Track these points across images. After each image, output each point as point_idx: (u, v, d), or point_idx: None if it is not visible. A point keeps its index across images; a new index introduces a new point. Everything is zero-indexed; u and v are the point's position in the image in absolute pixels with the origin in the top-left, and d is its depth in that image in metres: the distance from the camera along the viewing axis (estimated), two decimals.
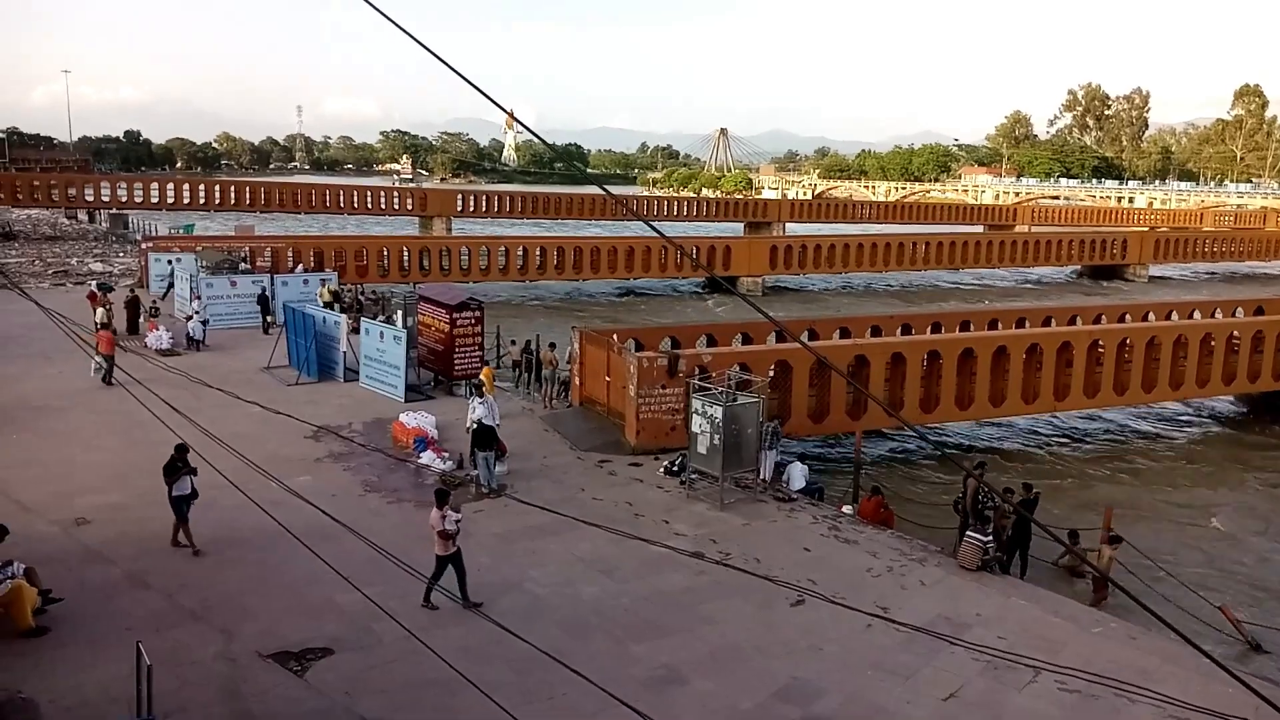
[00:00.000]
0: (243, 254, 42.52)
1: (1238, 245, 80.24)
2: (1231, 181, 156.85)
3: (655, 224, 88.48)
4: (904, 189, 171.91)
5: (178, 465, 14.18)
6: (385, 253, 50.81)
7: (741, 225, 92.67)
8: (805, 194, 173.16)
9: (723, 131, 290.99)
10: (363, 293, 42.76)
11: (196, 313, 30.08)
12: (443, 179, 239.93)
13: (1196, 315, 32.26)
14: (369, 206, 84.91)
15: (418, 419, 20.73)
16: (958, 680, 11.39)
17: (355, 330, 26.98)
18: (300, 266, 43.19)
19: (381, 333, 25.02)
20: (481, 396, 19.03)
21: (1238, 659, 14.11)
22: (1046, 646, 12.22)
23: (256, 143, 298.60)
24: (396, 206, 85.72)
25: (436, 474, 18.20)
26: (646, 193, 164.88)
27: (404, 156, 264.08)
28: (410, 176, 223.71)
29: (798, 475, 18.84)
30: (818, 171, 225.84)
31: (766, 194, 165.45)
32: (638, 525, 15.86)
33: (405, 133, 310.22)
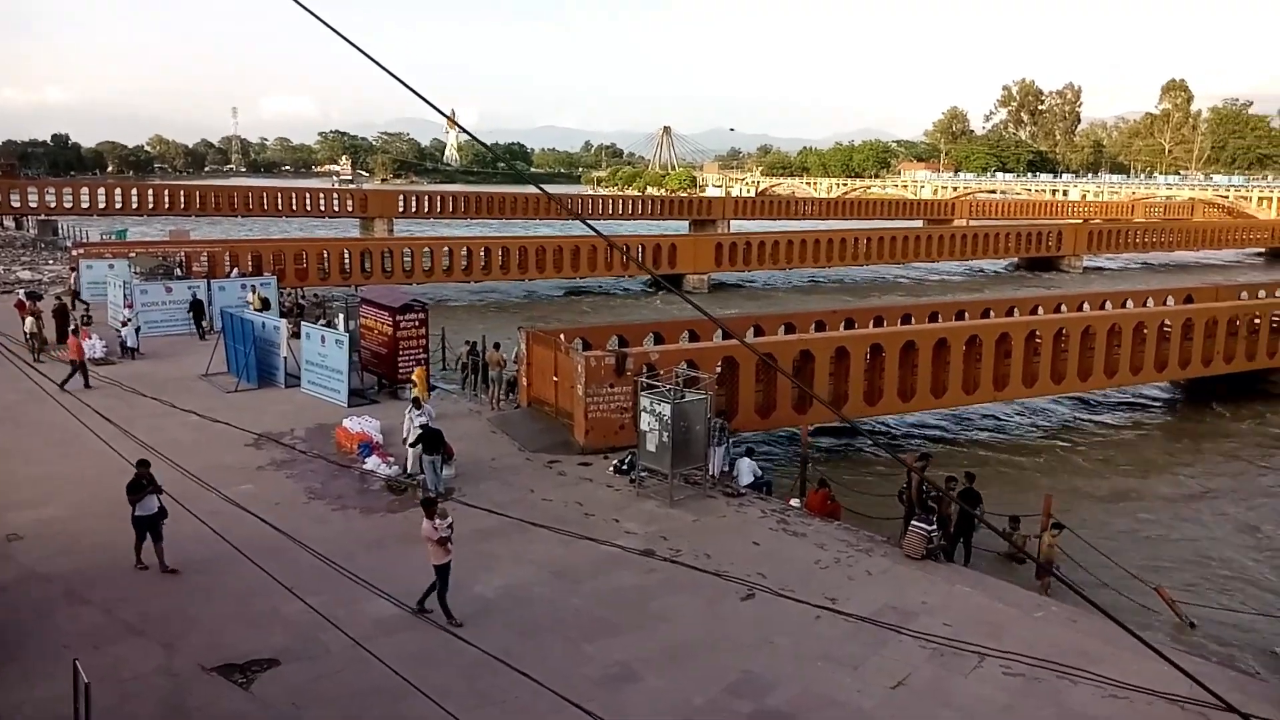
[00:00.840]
0: (178, 259, 41.60)
1: (1167, 236, 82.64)
2: (1160, 174, 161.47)
3: (597, 223, 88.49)
4: (845, 185, 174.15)
5: (142, 483, 13.52)
6: (326, 255, 50.04)
7: (687, 223, 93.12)
8: (749, 191, 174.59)
9: (667, 130, 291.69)
10: (303, 296, 42.12)
11: (130, 320, 29.33)
12: (384, 180, 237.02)
13: (1129, 305, 33.17)
14: (308, 209, 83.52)
15: (362, 424, 20.43)
16: (905, 668, 11.56)
17: (295, 335, 26.52)
18: (236, 271, 42.38)
19: (323, 337, 24.62)
20: (419, 408, 18.73)
21: (1174, 638, 14.52)
22: (990, 632, 12.46)
23: (191, 145, 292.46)
24: (336, 208, 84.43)
25: (382, 479, 17.98)
26: (591, 191, 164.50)
27: (343, 157, 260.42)
28: (350, 178, 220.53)
29: (746, 470, 18.96)
30: (761, 169, 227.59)
31: (711, 192, 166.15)
32: (588, 525, 15.83)
33: (344, 133, 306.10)
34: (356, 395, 23.99)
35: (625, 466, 18.76)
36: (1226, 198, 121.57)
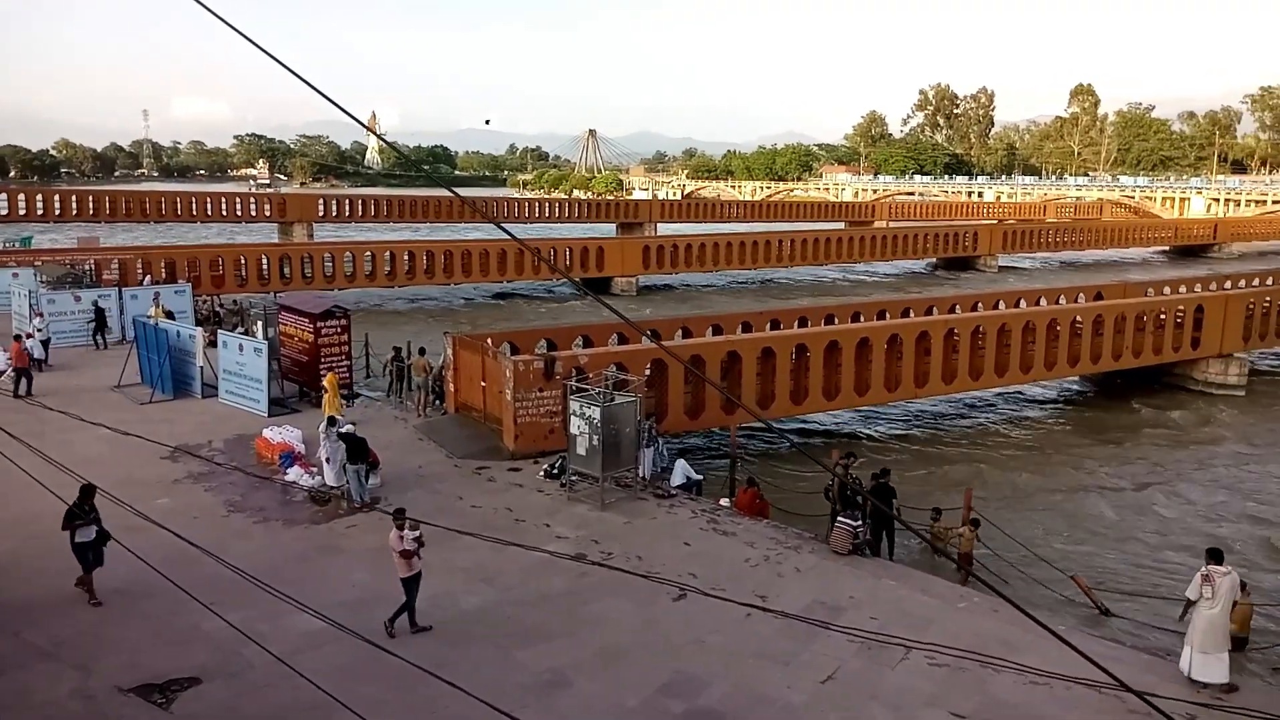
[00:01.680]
0: (87, 267, 40.10)
1: (1078, 235, 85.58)
2: (1070, 175, 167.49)
3: (524, 226, 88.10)
4: (769, 188, 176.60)
5: (84, 509, 12.83)
6: (243, 261, 48.74)
7: (614, 226, 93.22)
8: (675, 194, 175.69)
9: (592, 133, 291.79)
10: (220, 304, 41.00)
11: (38, 330, 28.17)
12: (303, 183, 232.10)
13: (1043, 302, 34.28)
14: (224, 213, 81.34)
15: (283, 434, 19.97)
16: (834, 662, 11.74)
17: (212, 343, 25.82)
18: (149, 279, 41.04)
19: (240, 345, 24.00)
20: (333, 424, 17.89)
21: (1090, 624, 15.02)
22: (916, 624, 12.74)
23: (99, 149, 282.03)
24: (254, 213, 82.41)
25: (305, 490, 17.59)
26: (517, 195, 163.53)
27: (260, 161, 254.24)
28: (268, 181, 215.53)
29: (679, 472, 19.07)
30: (686, 172, 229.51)
31: (637, 195, 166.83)
32: (518, 531, 15.73)
33: (261, 136, 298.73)
34: (277, 404, 23.43)
35: (555, 471, 18.69)
36: (1133, 198, 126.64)
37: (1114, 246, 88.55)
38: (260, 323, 26.47)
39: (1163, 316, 32.15)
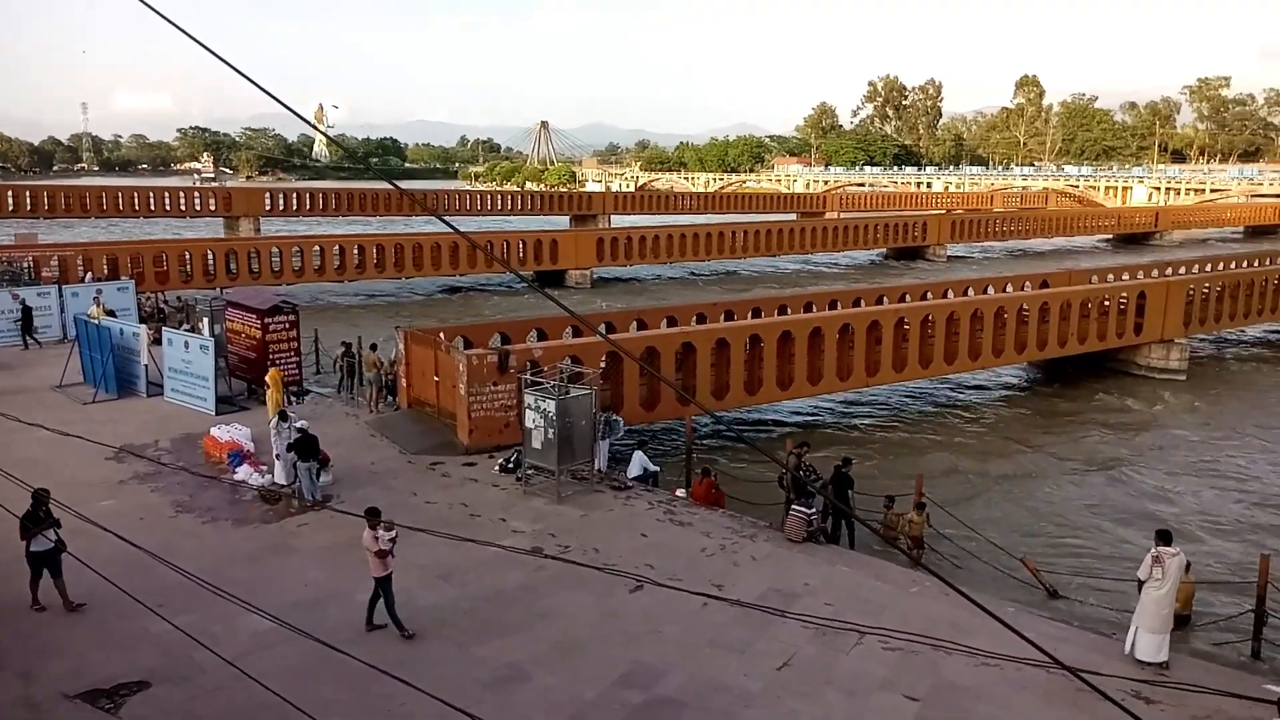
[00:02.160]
0: (25, 264, 39.02)
1: (1024, 224, 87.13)
2: (1017, 165, 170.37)
3: (477, 219, 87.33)
4: (722, 180, 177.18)
5: (39, 516, 12.38)
6: (188, 256, 47.75)
7: (567, 218, 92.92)
8: (629, 186, 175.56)
9: (544, 124, 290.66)
10: (164, 300, 40.16)
11: None
12: (249, 177, 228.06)
13: (990, 291, 34.84)
14: (168, 208, 79.58)
15: (231, 432, 19.62)
16: (790, 649, 11.86)
17: (157, 341, 25.29)
18: (90, 275, 40.02)
19: (186, 342, 23.54)
20: (286, 419, 17.78)
21: (1039, 606, 15.32)
22: (869, 609, 12.91)
23: (37, 143, 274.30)
24: (199, 207, 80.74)
25: (254, 489, 17.31)
26: (469, 187, 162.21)
27: (205, 155, 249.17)
28: (213, 175, 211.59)
29: (636, 463, 19.09)
30: (639, 164, 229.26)
31: (591, 186, 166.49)
32: (474, 526, 15.64)
33: (205, 129, 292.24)
34: (224, 402, 23.04)
35: (511, 465, 18.61)
36: (1077, 187, 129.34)
37: (1059, 235, 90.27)
38: (206, 319, 26.01)
39: (1106, 303, 32.85)
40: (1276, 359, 39.34)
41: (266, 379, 21.20)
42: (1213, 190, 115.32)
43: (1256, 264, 43.07)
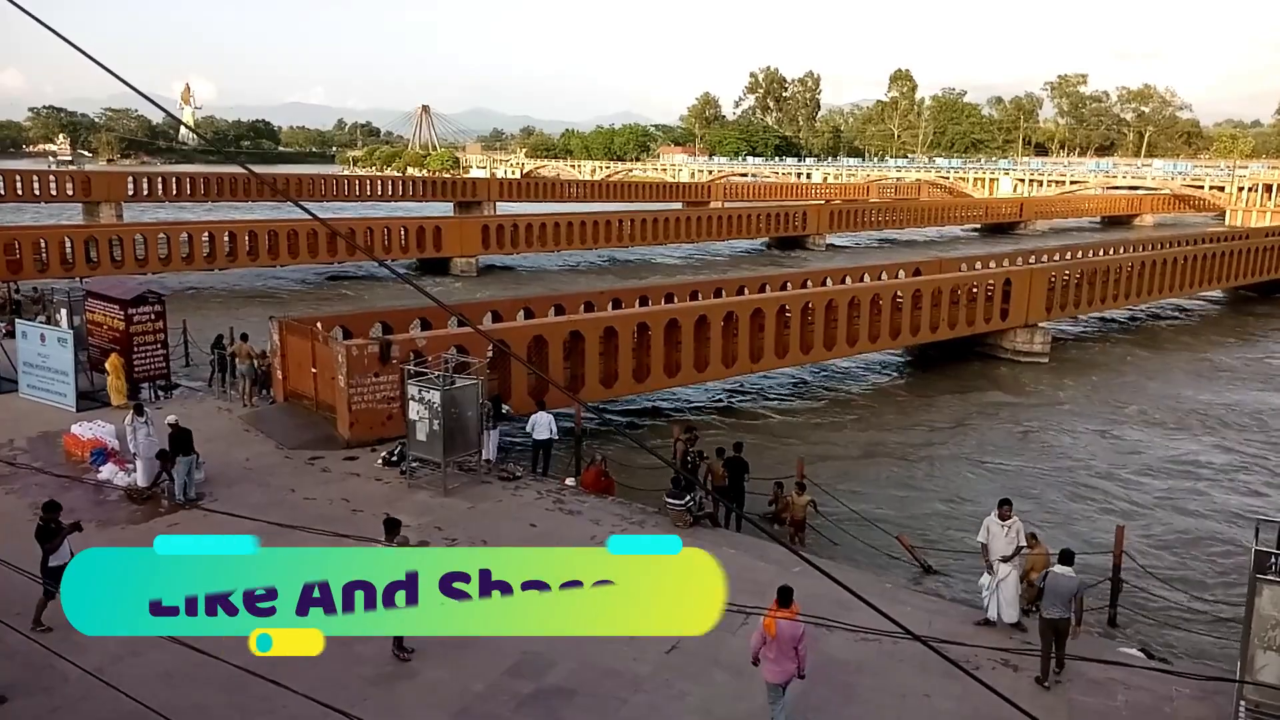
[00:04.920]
0: None
1: (898, 215, 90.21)
2: (891, 157, 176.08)
3: (355, 205, 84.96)
4: (608, 168, 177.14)
5: (51, 527, 11.46)
6: (43, 244, 44.84)
7: (451, 205, 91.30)
8: (514, 173, 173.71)
9: (425, 109, 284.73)
10: (17, 291, 37.70)
11: None
12: (110, 160, 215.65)
13: (866, 279, 35.97)
14: (19, 193, 74.40)
15: (94, 429, 18.58)
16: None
17: (10, 334, 23.76)
18: None
19: (43, 335, 22.15)
20: (142, 413, 16.84)
21: (915, 581, 15.96)
22: (755, 589, 13.11)
23: None
24: (54, 191, 75.95)
25: (120, 489, 16.46)
26: (347, 172, 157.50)
27: (61, 136, 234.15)
28: (70, 158, 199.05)
29: (543, 424, 18.99)
30: (525, 151, 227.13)
31: (475, 173, 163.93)
32: (356, 522, 15.24)
33: (61, 109, 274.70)
34: (86, 398, 21.79)
35: (395, 458, 18.23)
36: (948, 179, 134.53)
37: (931, 225, 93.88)
38: (65, 310, 24.58)
39: (975, 290, 34.36)
40: (1131, 341, 41.92)
41: (105, 365, 19.96)
42: (1073, 182, 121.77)
43: (1113, 252, 45.84)
